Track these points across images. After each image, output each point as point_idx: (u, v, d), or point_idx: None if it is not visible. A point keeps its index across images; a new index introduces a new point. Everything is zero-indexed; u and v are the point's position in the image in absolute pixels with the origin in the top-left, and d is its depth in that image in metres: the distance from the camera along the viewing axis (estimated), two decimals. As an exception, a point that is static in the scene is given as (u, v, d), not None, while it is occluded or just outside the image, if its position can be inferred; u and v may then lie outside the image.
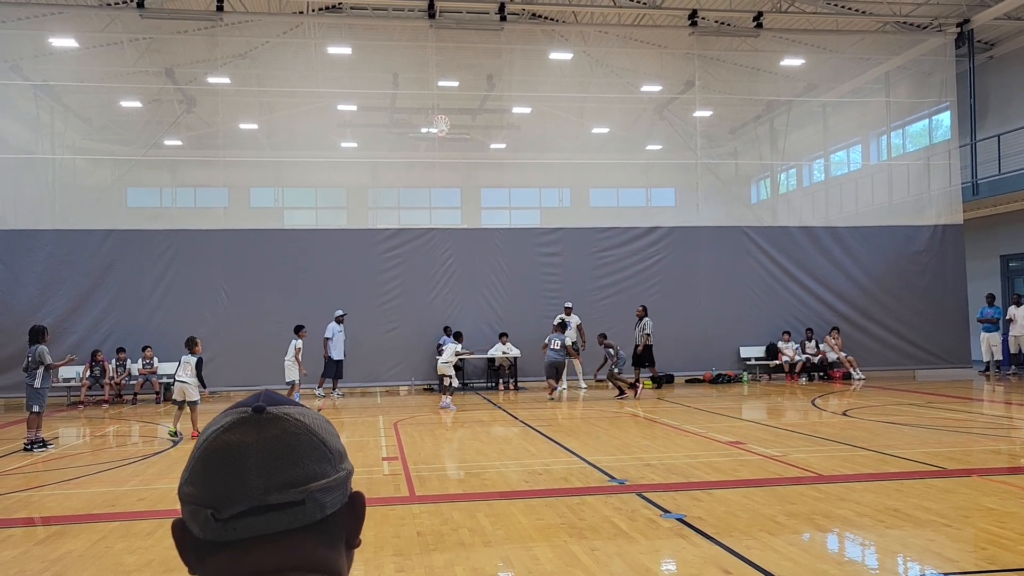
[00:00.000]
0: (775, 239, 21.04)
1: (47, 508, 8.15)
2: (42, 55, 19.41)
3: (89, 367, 17.95)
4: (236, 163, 21.58)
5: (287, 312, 18.63)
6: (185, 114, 21.63)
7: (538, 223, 24.68)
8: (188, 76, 20.90)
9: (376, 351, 19.45)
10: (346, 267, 19.51)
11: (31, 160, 19.75)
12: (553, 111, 23.44)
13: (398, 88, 22.26)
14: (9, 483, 9.28)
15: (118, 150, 20.96)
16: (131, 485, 9.12)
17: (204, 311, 18.89)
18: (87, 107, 21.01)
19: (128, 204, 23.64)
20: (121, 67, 19.78)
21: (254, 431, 0.96)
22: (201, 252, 19.08)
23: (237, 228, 19.84)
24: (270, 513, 0.93)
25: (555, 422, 13.79)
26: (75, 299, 18.39)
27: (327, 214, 26.95)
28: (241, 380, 19.06)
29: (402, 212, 26.02)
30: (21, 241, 18.25)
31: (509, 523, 6.83)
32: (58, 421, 15.72)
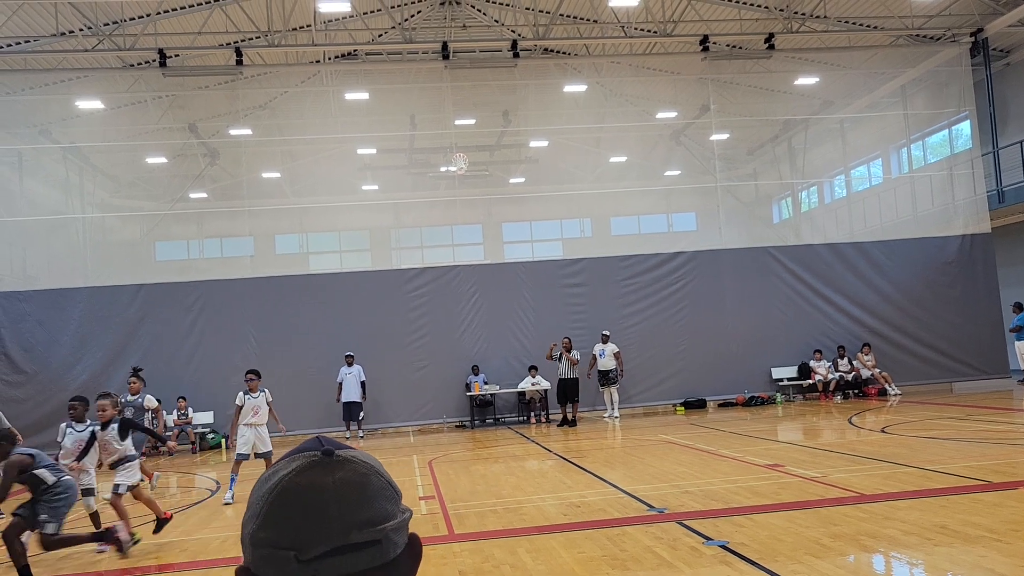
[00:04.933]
0: (800, 257, 20.93)
1: (90, 563, 8.22)
2: (70, 118, 19.91)
3: (126, 420, 18.13)
4: (260, 212, 21.89)
5: (316, 356, 18.82)
6: (209, 166, 22.05)
7: (561, 254, 24.73)
8: (211, 129, 21.32)
9: (407, 390, 19.51)
10: (373, 308, 19.65)
11: (62, 220, 20.19)
12: (570, 143, 23.62)
13: (416, 129, 22.56)
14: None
15: (146, 205, 21.37)
16: (172, 536, 9.18)
17: (235, 359, 19.07)
18: (114, 165, 21.48)
19: (157, 258, 23.99)
20: (146, 124, 20.23)
21: (327, 474, 0.98)
22: (230, 301, 19.35)
23: (264, 276, 20.10)
24: (351, 553, 0.95)
25: (590, 453, 13.71)
26: (110, 354, 18.65)
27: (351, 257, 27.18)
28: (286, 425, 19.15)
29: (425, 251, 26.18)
30: (55, 300, 18.60)
31: (551, 558, 6.79)
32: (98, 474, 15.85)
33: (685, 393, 20.29)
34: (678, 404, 20.27)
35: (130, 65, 19.51)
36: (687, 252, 20.95)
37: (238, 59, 18.04)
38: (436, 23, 21.25)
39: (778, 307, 20.69)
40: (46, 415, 17.50)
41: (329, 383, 18.67)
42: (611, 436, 16.54)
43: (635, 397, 20.19)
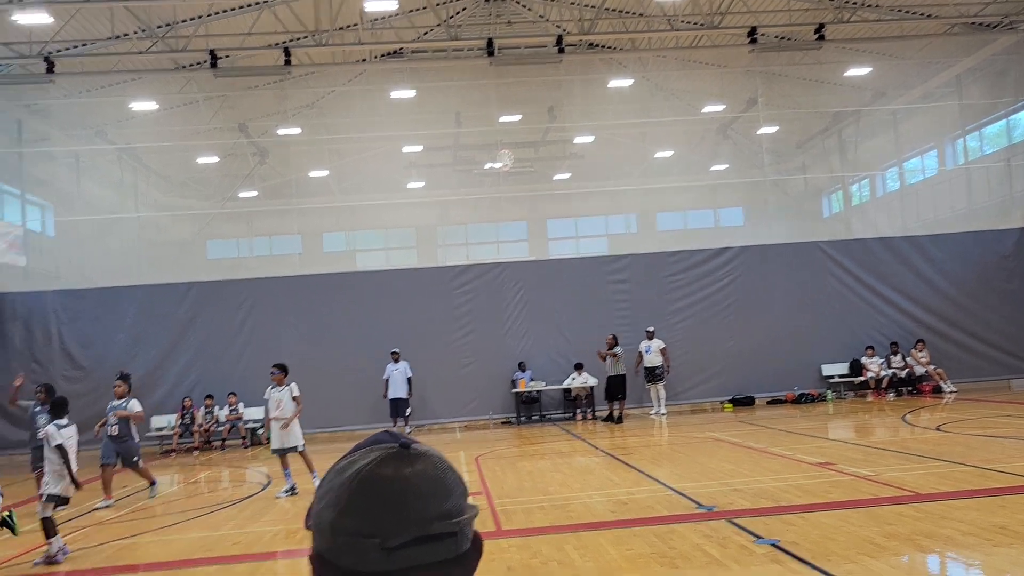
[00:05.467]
0: (851, 252, 20.55)
1: (149, 554, 8.42)
2: (125, 119, 20.39)
3: (180, 415, 18.55)
4: (308, 210, 22.18)
5: (364, 352, 19.00)
6: (258, 166, 22.40)
7: (606, 251, 24.64)
8: (260, 129, 21.66)
9: (453, 387, 19.61)
10: (419, 305, 19.78)
11: (117, 220, 20.69)
12: (615, 138, 23.50)
13: (461, 126, 22.64)
14: (112, 531, 9.62)
15: (197, 205, 21.80)
16: (226, 529, 9.36)
17: (284, 355, 19.26)
18: (167, 165, 21.94)
19: (208, 256, 24.44)
20: (197, 125, 20.62)
21: (405, 466, 1.00)
22: (279, 299, 19.63)
23: (312, 273, 20.35)
24: (430, 544, 0.97)
25: (636, 450, 13.64)
26: (163, 350, 19.07)
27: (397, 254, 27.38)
28: (325, 422, 19.45)
29: (470, 248, 26.28)
30: (111, 298, 19.06)
31: (598, 554, 6.78)
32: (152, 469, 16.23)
33: (733, 390, 20.06)
34: (726, 401, 20.05)
35: (182, 67, 19.91)
36: (734, 247, 20.70)
37: (286, 59, 18.29)
38: (481, 20, 21.28)
39: (828, 302, 20.34)
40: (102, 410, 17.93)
41: (376, 379, 18.85)
42: (658, 433, 16.44)
43: (682, 394, 20.02)
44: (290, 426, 11.54)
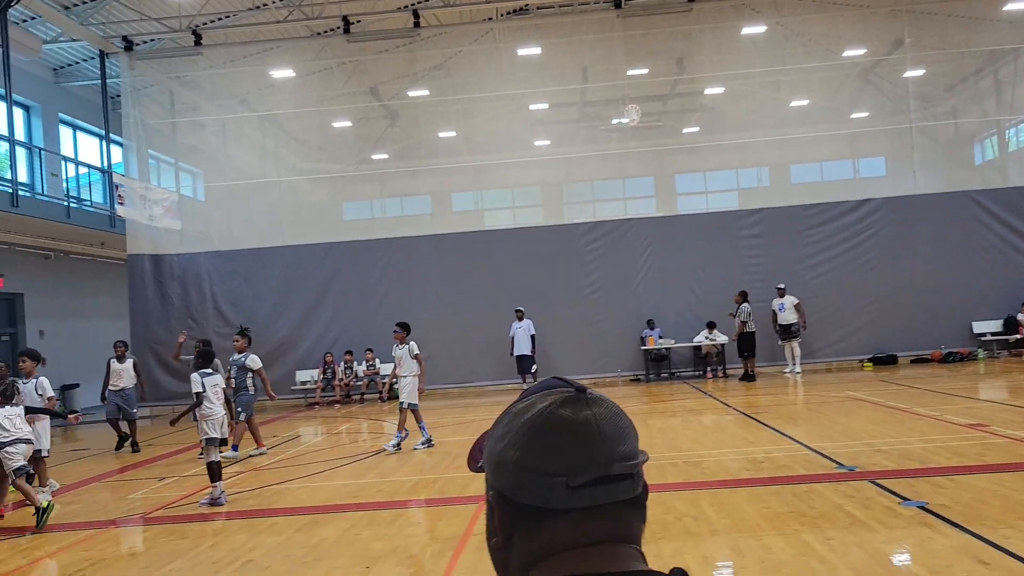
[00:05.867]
0: (1008, 201, 19.18)
1: (299, 499, 8.96)
2: (265, 87, 21.29)
3: (322, 370, 19.49)
4: (437, 171, 22.58)
5: (491, 310, 19.36)
6: (389, 128, 22.93)
7: (736, 205, 23.91)
8: (390, 92, 22.13)
9: (580, 344, 19.71)
10: (546, 263, 19.92)
11: (261, 184, 21.74)
12: (748, 88, 22.65)
13: (588, 82, 22.38)
14: (266, 477, 10.28)
15: (333, 168, 22.55)
16: (369, 478, 9.83)
17: (418, 312, 19.96)
18: (305, 131, 22.78)
19: (344, 218, 25.28)
20: (332, 90, 21.29)
21: (584, 408, 1.03)
22: (411, 257, 20.23)
23: (442, 233, 20.81)
24: (612, 484, 1.00)
25: (771, 408, 13.36)
26: (306, 308, 20.06)
27: (524, 212, 27.49)
28: (460, 377, 20.04)
29: (597, 205, 26.08)
30: (258, 259, 20.14)
31: (734, 512, 6.73)
32: (297, 421, 17.21)
33: (873, 348, 19.25)
34: (865, 360, 19.28)
35: (317, 33, 20.56)
36: (876, 199, 19.71)
37: (415, 21, 18.56)
38: (607, -29, 20.85)
39: (981, 256, 19.11)
40: (252, 364, 19.10)
41: (504, 336, 19.22)
42: (793, 391, 16.02)
43: (818, 352, 19.39)
44: (405, 383, 11.80)
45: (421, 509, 7.85)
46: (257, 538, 7.10)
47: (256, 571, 6.05)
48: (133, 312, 20.00)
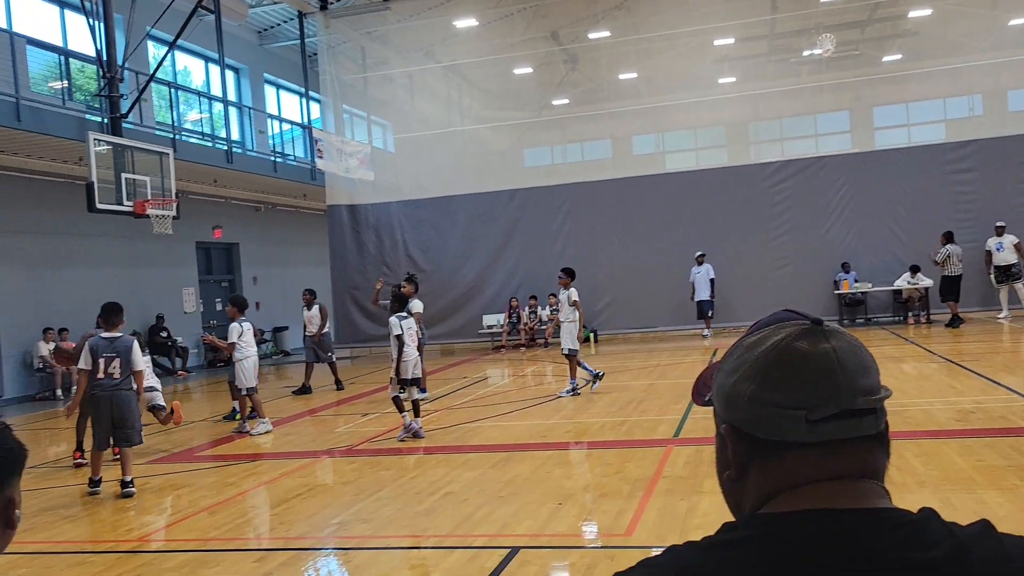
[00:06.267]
0: None
1: (491, 437, 9.36)
2: (449, 38, 21.75)
3: (508, 314, 20.04)
4: (618, 114, 22.30)
5: (672, 254, 19.08)
6: (570, 72, 22.84)
7: (944, 138, 22.05)
8: (571, 36, 21.98)
9: (765, 288, 19.04)
10: (729, 205, 19.34)
11: (446, 134, 22.39)
12: (959, 7, 20.65)
13: (777, 12, 21.22)
14: (460, 416, 10.79)
15: (514, 115, 22.81)
16: (556, 419, 10.09)
17: (600, 258, 20.09)
18: (487, 79, 23.12)
19: (525, 164, 25.56)
20: (513, 37, 21.42)
21: (822, 340, 1.00)
22: (592, 202, 20.24)
23: (622, 176, 20.64)
24: (854, 418, 0.97)
25: (982, 356, 12.41)
26: (491, 254, 20.63)
27: (707, 154, 26.69)
28: (640, 322, 20.00)
29: (786, 143, 24.86)
30: (445, 206, 20.86)
31: (943, 463, 6.38)
32: (485, 363, 17.85)
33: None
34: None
35: (498, -21, 20.72)
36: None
37: (596, -40, 18.24)
38: None
39: None
40: (442, 309, 19.97)
41: (684, 281, 18.96)
42: (1007, 338, 14.78)
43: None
44: (563, 328, 11.76)
45: (610, 450, 7.98)
46: (454, 472, 7.50)
47: (456, 502, 6.41)
48: (333, 259, 21.36)
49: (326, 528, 6.12)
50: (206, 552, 5.71)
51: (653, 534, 5.22)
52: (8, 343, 15.53)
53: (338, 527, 6.08)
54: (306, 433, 10.73)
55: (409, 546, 5.55)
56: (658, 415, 9.71)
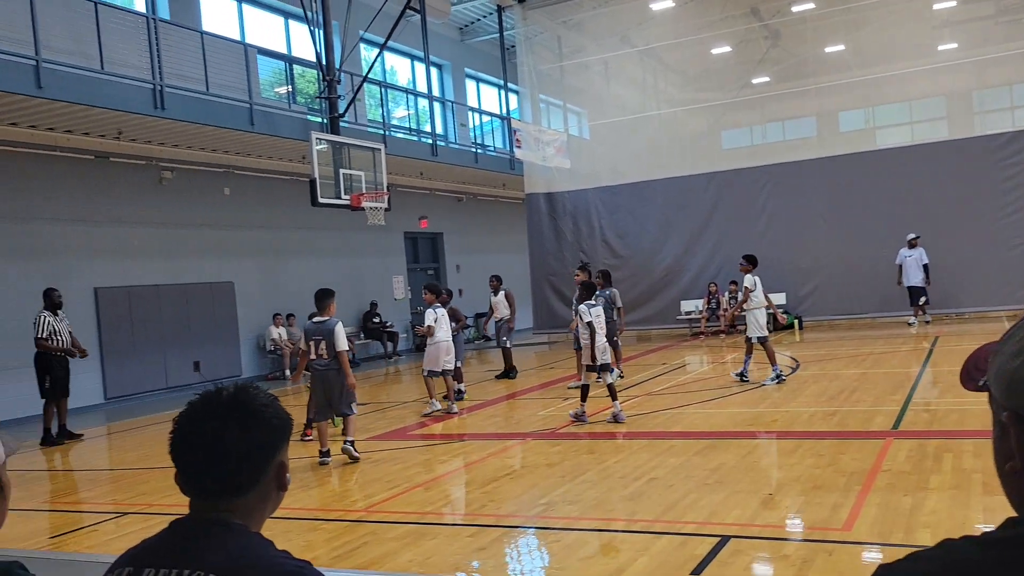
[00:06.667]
0: None
1: (695, 424, 9.26)
2: (645, 21, 21.54)
3: (706, 300, 19.65)
4: (823, 90, 21.17)
5: (887, 236, 17.91)
6: (771, 48, 21.95)
7: None
8: (773, 10, 21.11)
9: (991, 273, 17.48)
10: (949, 183, 17.88)
11: (641, 119, 22.21)
12: None
13: (1007, -31, 19.30)
14: (661, 402, 10.75)
15: (711, 96, 22.23)
16: (762, 407, 9.82)
17: (805, 240, 19.25)
18: (683, 61, 22.70)
19: (723, 147, 24.89)
20: (711, 16, 20.87)
21: None
22: (795, 183, 19.40)
23: (828, 156, 19.63)
24: None
25: None
26: (689, 238, 20.28)
27: (924, 127, 24.79)
28: (848, 308, 18.99)
29: (1018, 112, 22.61)
30: (641, 192, 20.75)
31: None
32: (683, 350, 17.62)
33: None
34: None
35: (692, -42, 20.26)
36: None
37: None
38: None
39: None
40: (638, 295, 19.91)
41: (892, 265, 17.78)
42: None
43: None
44: (748, 316, 11.51)
45: (822, 441, 7.67)
46: (658, 458, 7.50)
47: (661, 488, 6.42)
48: (531, 246, 21.84)
49: (534, 508, 6.32)
50: (424, 525, 6.08)
51: (874, 531, 4.99)
52: (245, 328, 17.15)
53: (545, 507, 6.26)
54: (511, 416, 11.10)
55: (617, 528, 5.64)
56: (873, 405, 9.21)
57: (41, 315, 11.12)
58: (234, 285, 16.93)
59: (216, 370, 16.00)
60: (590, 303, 9.81)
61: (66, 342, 11.21)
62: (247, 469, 1.54)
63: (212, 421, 1.54)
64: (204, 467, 1.53)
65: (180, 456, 1.55)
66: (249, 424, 1.55)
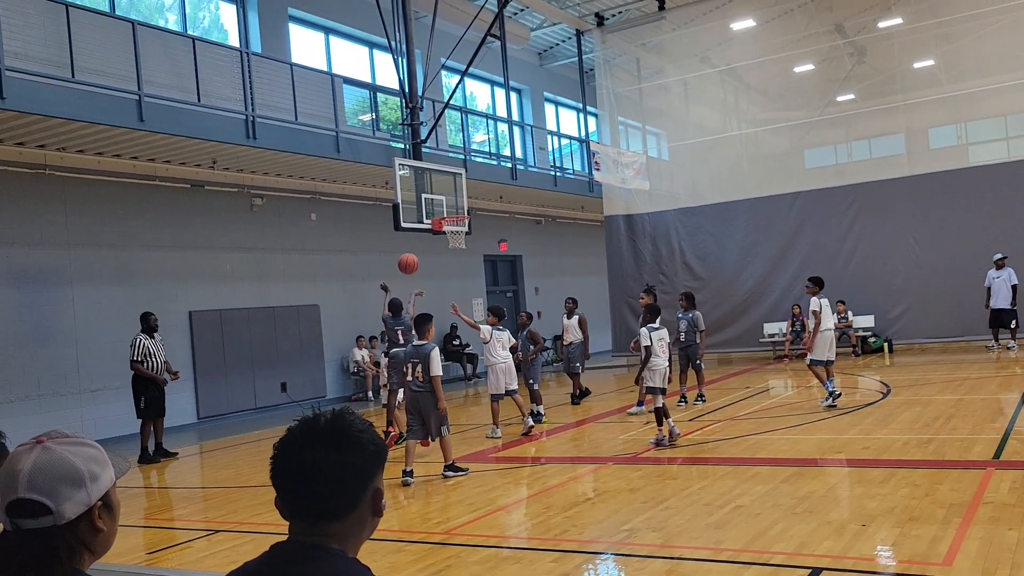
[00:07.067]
0: None
1: (780, 450, 9.04)
2: (725, 41, 21.35)
3: (791, 323, 19.20)
4: (912, 106, 20.57)
5: (981, 256, 17.20)
6: (857, 66, 21.46)
7: None
8: (858, 27, 20.66)
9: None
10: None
11: (722, 139, 21.97)
12: None
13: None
14: (745, 427, 10.53)
15: (794, 115, 21.83)
16: (852, 434, 9.52)
17: (895, 261, 18.69)
18: (765, 80, 22.37)
19: (806, 165, 24.39)
20: (793, 35, 20.53)
21: None
22: (884, 202, 18.88)
23: (917, 173, 19.04)
24: None
25: None
26: (772, 260, 19.88)
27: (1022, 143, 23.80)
28: (940, 331, 18.30)
29: (1125, 125, 21.50)
30: (722, 213, 20.47)
31: None
32: (767, 373, 17.23)
33: None
34: None
35: (777, -23, 20.04)
36: None
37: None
38: None
39: None
40: (720, 317, 19.58)
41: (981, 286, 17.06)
42: None
43: None
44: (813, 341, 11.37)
45: (917, 470, 7.39)
46: (744, 485, 7.34)
47: (748, 516, 6.28)
48: (610, 269, 21.75)
49: (617, 534, 6.26)
50: (506, 549, 6.09)
51: (978, 566, 4.77)
52: (330, 349, 17.53)
53: (628, 534, 6.19)
54: (592, 439, 11.04)
55: (703, 558, 5.54)
56: (972, 433, 8.83)
57: (138, 338, 11.61)
58: (319, 308, 17.35)
59: (302, 391, 16.40)
60: (652, 326, 9.82)
61: (159, 365, 11.65)
62: (344, 494, 1.59)
63: (310, 447, 1.59)
64: (302, 492, 1.58)
65: (279, 481, 1.61)
66: (346, 450, 1.59)
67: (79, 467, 1.54)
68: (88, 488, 1.54)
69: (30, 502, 1.50)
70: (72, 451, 1.55)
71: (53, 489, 1.51)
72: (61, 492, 1.51)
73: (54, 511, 1.50)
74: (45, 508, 1.50)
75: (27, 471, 1.51)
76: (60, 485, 1.51)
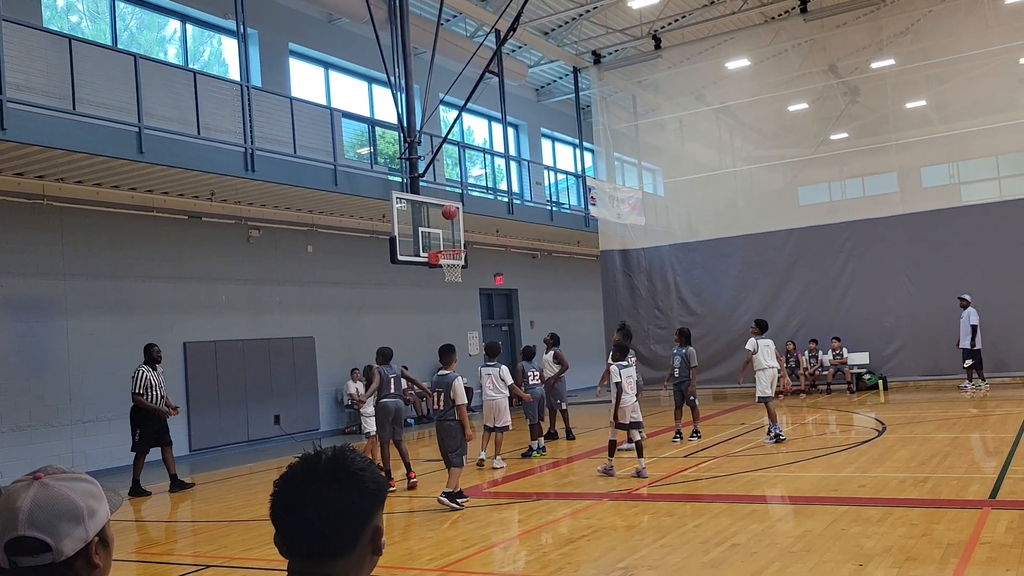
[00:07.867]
0: None
1: (777, 488, 9.00)
2: (720, 79, 21.64)
3: (784, 359, 19.18)
4: (904, 145, 20.82)
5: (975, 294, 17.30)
6: (850, 105, 21.73)
7: None
8: (851, 67, 20.95)
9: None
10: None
11: (717, 176, 22.16)
12: None
13: (1097, 20, 18.79)
14: (740, 464, 10.49)
15: (788, 153, 22.06)
16: (848, 472, 9.49)
17: (888, 299, 18.78)
18: (759, 118, 22.64)
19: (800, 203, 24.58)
20: (787, 74, 20.83)
21: None
22: (877, 240, 19.04)
23: (911, 212, 19.20)
24: None
25: None
26: (766, 296, 19.95)
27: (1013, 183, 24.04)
28: (934, 368, 18.34)
29: (1113, 167, 21.75)
30: (717, 248, 20.57)
31: None
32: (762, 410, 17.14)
33: None
34: None
35: (771, 18, 20.31)
36: None
37: (877, -13, 17.31)
38: None
39: None
40: (715, 352, 19.57)
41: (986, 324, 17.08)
42: None
43: None
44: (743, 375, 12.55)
45: (913, 509, 7.36)
46: (740, 523, 7.30)
47: (744, 555, 6.24)
48: (606, 303, 21.79)
49: (612, 572, 6.21)
50: (502, 585, 6.02)
51: (974, 607, 4.75)
52: (324, 382, 17.46)
53: (624, 571, 6.14)
54: (587, 475, 10.98)
55: (699, 597, 5.49)
56: (968, 472, 8.82)
57: (140, 369, 11.49)
58: (315, 340, 17.31)
59: (295, 424, 16.30)
60: (622, 363, 10.02)
61: (159, 398, 11.51)
62: (344, 532, 1.58)
63: (311, 484, 1.59)
64: (302, 529, 1.57)
65: (279, 518, 1.60)
66: (347, 487, 1.59)
67: (78, 503, 1.54)
68: (87, 524, 1.54)
69: (30, 540, 1.49)
70: (70, 487, 1.55)
71: (53, 526, 1.50)
72: (61, 529, 1.50)
73: (54, 548, 1.50)
74: (45, 545, 1.49)
75: (26, 508, 1.50)
76: (60, 522, 1.51)
